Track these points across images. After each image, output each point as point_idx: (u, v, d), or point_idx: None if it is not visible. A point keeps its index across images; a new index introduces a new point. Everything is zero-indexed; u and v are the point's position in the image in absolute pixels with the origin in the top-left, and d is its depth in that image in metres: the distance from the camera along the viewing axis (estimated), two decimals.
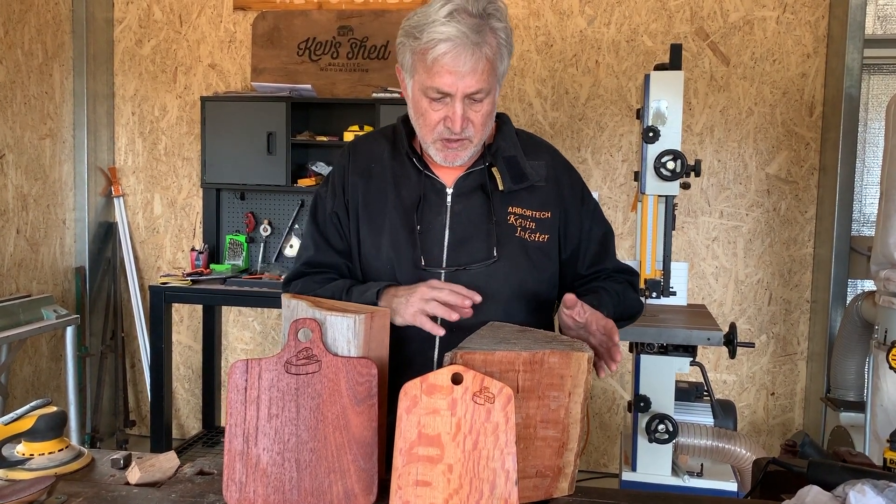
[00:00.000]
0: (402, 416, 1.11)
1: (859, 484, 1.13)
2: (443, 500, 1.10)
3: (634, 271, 1.67)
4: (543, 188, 1.54)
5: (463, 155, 1.47)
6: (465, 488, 1.10)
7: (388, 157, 1.58)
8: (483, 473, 1.11)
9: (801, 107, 3.79)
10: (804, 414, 3.90)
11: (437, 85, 1.38)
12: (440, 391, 1.11)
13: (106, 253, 4.39)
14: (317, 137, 4.02)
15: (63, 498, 1.22)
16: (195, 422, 4.47)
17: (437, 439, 1.11)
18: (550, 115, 3.99)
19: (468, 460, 1.11)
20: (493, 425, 1.11)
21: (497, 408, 1.11)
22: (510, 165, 1.52)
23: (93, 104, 4.23)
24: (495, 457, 1.11)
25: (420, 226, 1.51)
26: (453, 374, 1.11)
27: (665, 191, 2.61)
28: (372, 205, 1.56)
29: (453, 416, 1.11)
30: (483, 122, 1.45)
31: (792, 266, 3.86)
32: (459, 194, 1.53)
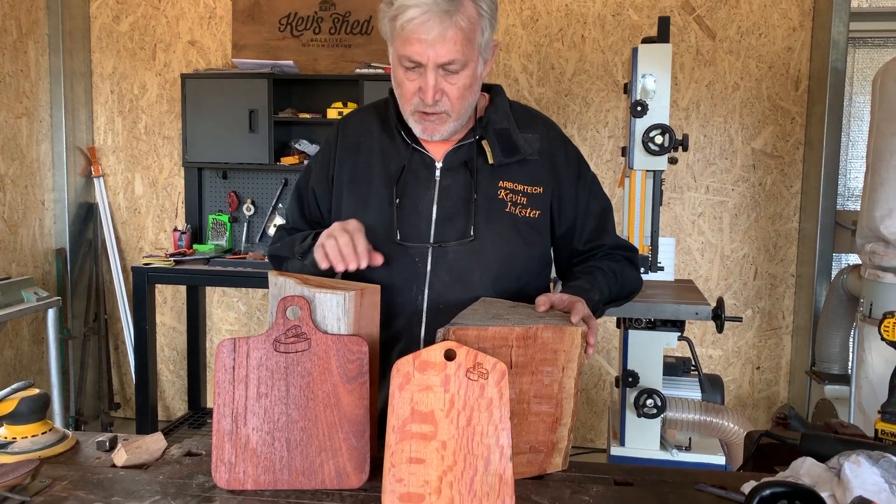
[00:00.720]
0: (394, 393, 1.09)
1: (854, 455, 1.12)
2: (437, 477, 1.09)
3: (633, 247, 1.63)
4: (536, 162, 1.50)
5: (441, 129, 1.43)
6: (459, 465, 1.09)
7: (377, 131, 1.55)
8: (477, 450, 1.09)
9: (787, 81, 3.78)
10: (789, 387, 3.93)
11: (407, 53, 1.34)
12: (433, 367, 1.09)
13: (87, 234, 4.33)
14: (300, 115, 3.96)
15: (47, 481, 1.19)
16: (181, 403, 4.44)
17: (431, 416, 1.09)
18: (536, 91, 3.96)
19: (462, 437, 1.09)
20: (486, 401, 1.09)
21: (491, 383, 1.09)
22: (501, 138, 1.48)
23: (70, 82, 4.15)
24: (489, 433, 1.09)
25: (405, 200, 1.48)
26: (446, 351, 1.09)
27: (653, 165, 2.59)
28: (359, 179, 1.53)
29: (446, 392, 1.09)
30: (460, 96, 1.39)
31: (777, 241, 3.88)
32: (448, 168, 1.49)
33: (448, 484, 1.09)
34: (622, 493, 1.20)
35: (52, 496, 1.15)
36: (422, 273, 1.47)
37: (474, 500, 1.08)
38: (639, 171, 2.63)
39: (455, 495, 1.08)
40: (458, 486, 1.08)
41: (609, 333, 4.02)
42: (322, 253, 1.31)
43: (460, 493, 1.08)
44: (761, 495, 0.98)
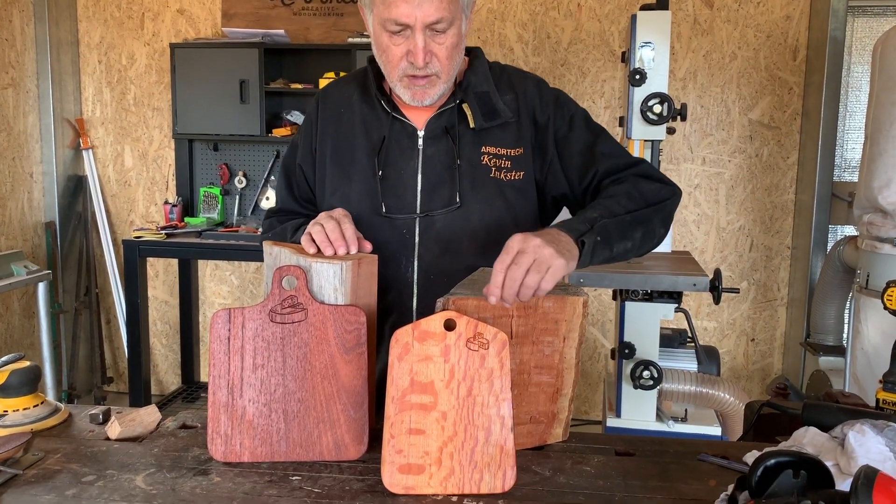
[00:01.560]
0: (393, 364, 1.07)
1: (858, 424, 1.11)
2: (437, 448, 1.07)
3: (640, 161, 1.45)
4: (515, 123, 1.45)
5: (432, 93, 1.38)
6: (459, 435, 1.07)
7: (357, 101, 1.50)
8: (478, 420, 1.07)
9: (785, 50, 3.74)
10: (783, 359, 3.94)
11: (393, 16, 1.29)
12: (433, 338, 1.07)
13: (76, 207, 4.27)
14: (291, 85, 3.91)
15: (40, 454, 1.17)
16: (174, 377, 4.42)
17: (431, 386, 1.07)
18: (532, 61, 3.91)
19: (462, 407, 1.07)
20: (487, 371, 1.07)
21: (492, 353, 1.07)
22: (482, 102, 1.44)
23: (56, 52, 4.07)
24: (490, 403, 1.07)
25: (389, 171, 1.44)
26: (446, 321, 1.07)
27: (651, 135, 2.56)
28: (341, 153, 1.49)
29: (446, 362, 1.07)
30: (449, 56, 1.35)
31: (773, 212, 3.86)
32: (431, 136, 1.45)
33: (448, 455, 1.07)
34: (623, 464, 1.19)
35: (45, 469, 1.13)
36: (410, 244, 1.44)
37: (475, 470, 1.07)
38: (636, 142, 2.59)
39: (455, 466, 1.07)
40: (458, 456, 1.07)
41: (604, 305, 4.01)
42: (308, 238, 1.27)
43: (461, 463, 1.07)
44: (766, 465, 0.96)
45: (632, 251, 1.33)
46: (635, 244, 1.32)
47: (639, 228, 1.32)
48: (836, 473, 1.03)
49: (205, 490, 1.07)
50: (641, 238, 1.33)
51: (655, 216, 1.36)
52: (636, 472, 1.16)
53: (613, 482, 1.12)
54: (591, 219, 1.25)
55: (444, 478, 1.07)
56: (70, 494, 1.05)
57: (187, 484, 1.09)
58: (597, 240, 1.22)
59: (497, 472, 1.07)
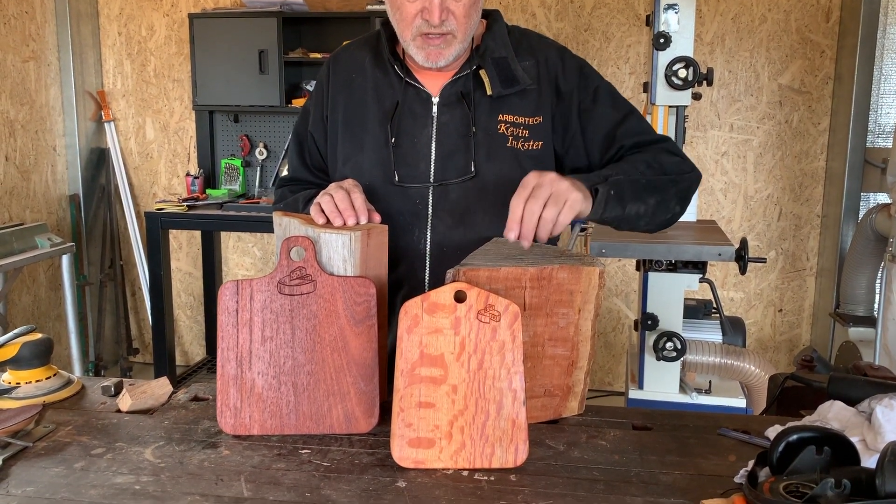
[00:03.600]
0: (402, 337, 1.04)
1: (886, 399, 1.07)
2: (447, 422, 1.05)
3: (666, 139, 1.41)
4: (535, 90, 1.40)
5: (447, 53, 1.33)
6: (470, 409, 1.05)
7: (370, 66, 1.46)
8: (489, 394, 1.05)
9: (818, 12, 3.61)
10: (811, 330, 3.87)
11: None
12: (443, 310, 1.04)
13: (100, 180, 4.30)
14: (310, 55, 3.86)
15: (51, 426, 1.17)
16: (199, 348, 4.46)
17: (441, 359, 1.04)
18: (555, 26, 3.82)
19: (473, 380, 1.05)
20: (498, 344, 1.04)
21: (503, 326, 1.04)
22: (500, 68, 1.38)
23: (76, 24, 4.06)
24: (502, 376, 1.05)
25: (402, 139, 1.40)
26: (456, 292, 1.04)
27: (676, 101, 2.49)
28: (353, 120, 1.46)
29: (457, 335, 1.04)
30: (466, 14, 1.30)
31: (803, 180, 3.76)
32: (446, 104, 1.41)
33: (459, 429, 1.05)
34: (640, 438, 1.15)
35: (56, 441, 1.13)
36: (423, 215, 1.40)
37: (486, 444, 1.05)
38: (661, 108, 2.53)
39: (466, 440, 1.05)
40: (469, 430, 1.05)
41: (628, 276, 3.96)
42: (317, 209, 1.24)
43: (472, 437, 1.05)
44: (788, 440, 0.93)
45: (644, 217, 1.30)
46: (648, 210, 1.29)
47: (653, 195, 1.29)
48: (863, 450, 1.00)
49: (213, 463, 1.06)
50: (655, 206, 1.30)
51: (672, 187, 1.33)
52: (653, 446, 1.13)
53: (629, 457, 1.09)
54: (605, 175, 1.25)
55: (455, 452, 1.05)
56: (79, 467, 1.05)
57: (196, 457, 1.08)
58: (610, 193, 1.21)
59: (509, 447, 1.05)
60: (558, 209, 1.12)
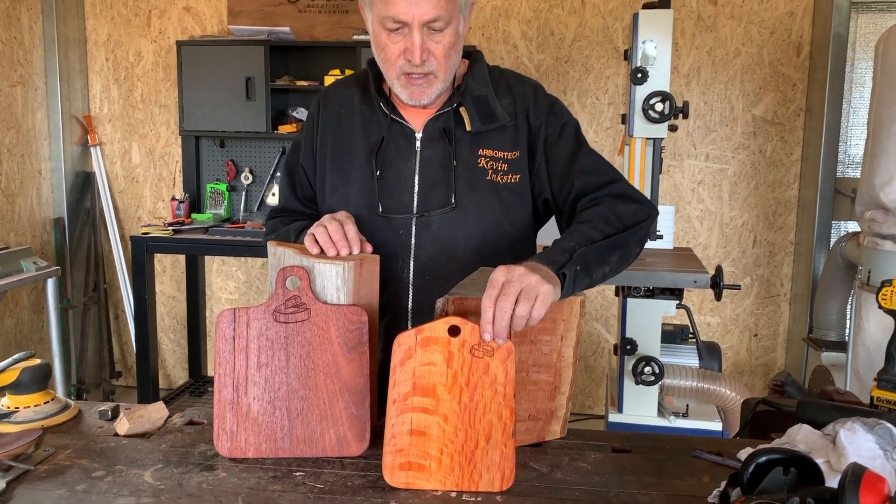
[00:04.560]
0: (395, 368, 1.09)
1: (849, 422, 1.13)
2: (437, 449, 1.10)
3: (617, 179, 1.44)
4: (513, 126, 1.47)
5: (429, 91, 1.40)
6: (460, 438, 1.10)
7: (357, 103, 1.53)
8: (479, 425, 1.10)
9: (789, 47, 3.74)
10: (786, 354, 3.95)
11: (392, 13, 1.32)
12: (436, 343, 1.09)
13: (84, 203, 4.31)
14: (297, 82, 3.93)
15: (51, 450, 1.21)
16: (181, 371, 4.47)
17: (433, 390, 1.09)
18: (536, 58, 3.92)
19: (464, 412, 1.10)
20: (490, 378, 1.09)
21: (496, 361, 1.09)
22: (479, 105, 1.46)
23: (64, 50, 4.10)
24: (492, 409, 1.10)
25: (387, 172, 1.47)
26: (450, 327, 1.09)
27: (653, 133, 2.58)
28: (341, 153, 1.52)
29: (449, 368, 1.09)
30: (445, 55, 1.37)
31: (777, 208, 3.87)
32: (429, 139, 1.48)
33: (449, 455, 1.10)
34: (619, 460, 1.21)
35: (56, 464, 1.16)
36: (406, 244, 1.46)
37: (474, 472, 1.10)
38: (639, 139, 2.61)
39: (455, 467, 1.10)
40: (458, 458, 1.10)
41: (608, 301, 4.03)
42: (311, 239, 1.29)
43: (461, 465, 1.10)
44: (757, 462, 0.99)
45: (609, 273, 1.33)
46: (612, 267, 1.32)
47: (615, 252, 1.32)
48: (827, 470, 1.06)
49: (211, 485, 1.10)
50: (618, 261, 1.33)
51: (632, 238, 1.36)
52: (632, 468, 1.18)
53: (609, 478, 1.15)
54: (568, 248, 1.24)
55: (444, 475, 1.10)
56: (80, 489, 1.08)
57: (194, 479, 1.12)
58: (576, 269, 1.21)
59: (496, 474, 1.10)
60: (530, 304, 1.08)
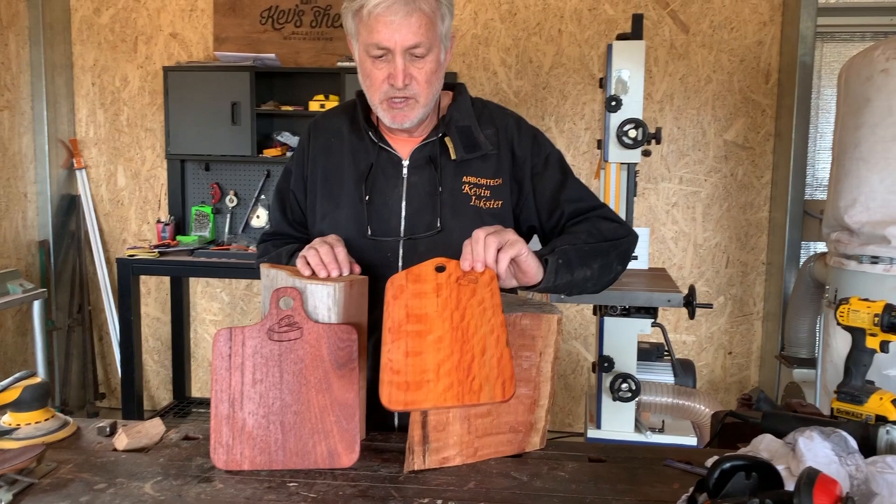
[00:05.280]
0: (389, 303, 1.16)
1: (808, 431, 1.21)
2: (435, 366, 1.12)
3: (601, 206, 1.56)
4: (496, 155, 1.56)
5: (411, 115, 1.47)
6: (455, 354, 1.12)
7: (346, 132, 1.61)
8: (473, 340, 1.13)
9: (758, 74, 3.88)
10: (759, 371, 4.06)
11: (375, 40, 1.40)
12: (425, 279, 1.18)
13: (70, 226, 4.35)
14: (282, 107, 4.01)
15: (53, 465, 1.26)
16: (166, 393, 4.48)
17: (425, 317, 1.16)
18: (515, 84, 4.03)
19: (456, 331, 1.14)
20: (478, 300, 1.16)
21: (481, 285, 1.17)
22: (463, 135, 1.54)
23: (51, 75, 4.15)
24: (483, 325, 1.14)
25: (375, 197, 1.54)
26: (437, 266, 1.18)
27: (627, 158, 2.68)
28: (331, 180, 1.59)
29: (438, 297, 1.16)
30: (427, 80, 1.45)
31: (748, 230, 3.99)
32: (416, 166, 1.55)
33: (446, 371, 1.11)
34: (595, 469, 1.28)
35: (59, 478, 1.21)
36: (394, 266, 1.53)
37: (473, 381, 1.10)
38: (613, 164, 2.71)
39: (454, 380, 1.10)
40: (456, 372, 1.11)
41: (586, 320, 4.12)
42: (303, 261, 1.36)
43: (458, 378, 1.11)
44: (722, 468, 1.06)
45: (591, 280, 1.43)
46: (594, 273, 1.42)
47: (597, 259, 1.43)
48: (787, 476, 1.13)
49: (209, 496, 1.16)
50: (600, 269, 1.44)
51: (613, 251, 1.47)
52: (607, 476, 1.26)
53: (585, 486, 1.22)
54: (552, 245, 1.38)
55: (444, 390, 1.10)
56: (84, 501, 1.14)
57: (192, 490, 1.18)
58: (559, 262, 1.34)
59: (496, 383, 1.09)
60: (502, 239, 1.23)
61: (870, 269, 2.72)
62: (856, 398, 1.43)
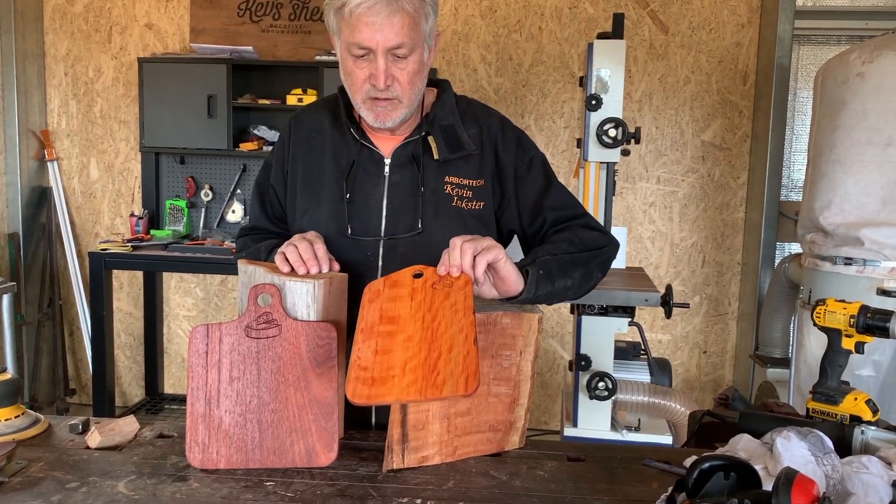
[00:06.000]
0: (364, 306, 1.16)
1: (785, 431, 1.22)
2: (402, 363, 1.11)
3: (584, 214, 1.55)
4: (479, 156, 1.54)
5: (394, 115, 1.45)
6: (423, 352, 1.12)
7: (328, 127, 1.58)
8: (441, 339, 1.12)
9: (736, 75, 3.92)
10: (734, 371, 4.10)
11: (357, 40, 1.37)
12: (402, 285, 1.18)
13: (40, 219, 4.27)
14: (259, 101, 3.97)
15: (23, 463, 1.23)
16: (138, 389, 4.42)
17: (398, 318, 1.16)
18: (495, 81, 4.03)
19: (426, 331, 1.14)
20: (451, 303, 1.15)
21: (455, 289, 1.17)
22: (446, 135, 1.52)
23: (22, 64, 4.07)
24: (453, 325, 1.13)
25: (356, 195, 1.52)
26: (415, 273, 1.18)
27: (606, 158, 2.69)
28: (311, 176, 1.56)
29: (413, 300, 1.16)
30: (409, 81, 1.42)
31: (724, 230, 4.03)
32: (398, 165, 1.53)
33: (412, 368, 1.10)
34: (574, 468, 1.28)
35: (30, 477, 1.18)
36: (374, 266, 1.51)
37: (437, 377, 1.08)
38: (593, 163, 2.72)
39: (419, 378, 1.09)
40: (422, 369, 1.10)
41: (563, 319, 4.13)
42: (282, 258, 1.34)
43: (423, 374, 1.09)
44: (701, 468, 1.06)
45: (571, 289, 1.42)
46: (575, 283, 1.42)
47: (578, 269, 1.42)
48: (765, 476, 1.14)
49: (184, 495, 1.14)
50: (580, 278, 1.43)
51: (593, 260, 1.46)
52: (586, 475, 1.26)
53: (565, 485, 1.22)
54: (533, 255, 1.38)
55: (407, 385, 1.08)
56: (56, 500, 1.11)
57: (167, 489, 1.15)
58: (539, 273, 1.33)
59: (460, 378, 1.07)
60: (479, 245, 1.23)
61: (844, 271, 2.75)
62: (831, 398, 1.44)
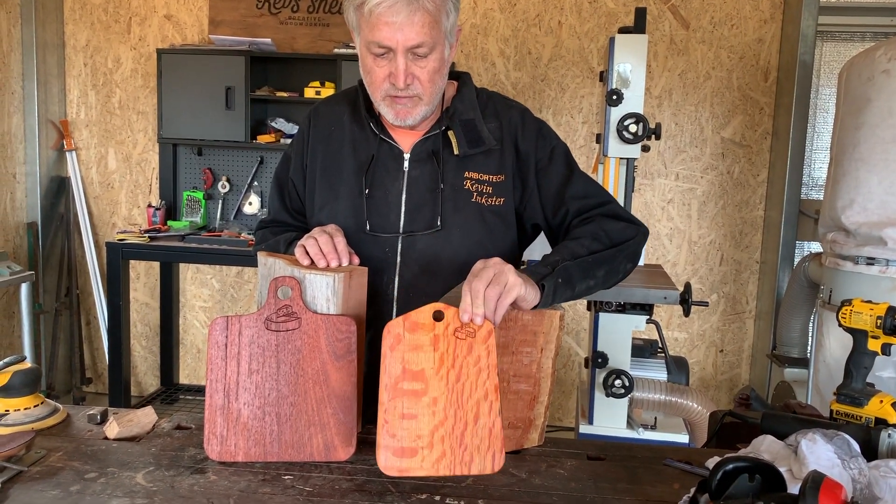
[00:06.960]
0: (386, 354, 1.14)
1: (810, 433, 1.20)
2: (429, 432, 1.14)
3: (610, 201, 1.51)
4: (499, 150, 1.51)
5: (415, 113, 1.43)
6: (450, 420, 1.14)
7: (348, 121, 1.56)
8: (467, 405, 1.15)
9: (757, 72, 3.87)
10: (751, 370, 4.06)
11: (376, 39, 1.35)
12: (422, 328, 1.15)
13: (59, 208, 4.29)
14: (276, 93, 3.96)
15: (42, 452, 1.23)
16: (153, 379, 4.45)
17: (422, 374, 1.15)
18: (513, 76, 4.00)
19: (452, 392, 1.14)
20: (475, 358, 1.15)
21: (478, 341, 1.15)
22: (467, 129, 1.50)
23: (42, 54, 4.09)
24: (478, 388, 1.15)
25: (375, 191, 1.50)
26: (434, 312, 1.15)
27: (626, 153, 2.66)
28: (330, 169, 1.55)
29: (436, 351, 1.15)
30: (430, 79, 1.41)
31: (743, 228, 3.99)
32: (417, 160, 1.51)
33: (440, 438, 1.14)
34: (594, 467, 1.27)
35: (49, 466, 1.19)
36: (392, 262, 1.49)
37: (465, 452, 1.14)
38: (612, 159, 2.69)
39: (447, 449, 1.14)
40: (449, 440, 1.14)
41: (579, 315, 4.11)
42: (302, 251, 1.33)
43: (451, 446, 1.14)
44: (724, 469, 1.05)
45: (595, 287, 1.40)
46: (598, 281, 1.40)
47: (602, 267, 1.39)
48: (789, 478, 1.12)
49: (203, 487, 1.13)
50: (605, 275, 1.41)
51: (619, 255, 1.43)
52: (606, 475, 1.24)
53: (585, 484, 1.20)
54: (552, 262, 1.33)
55: (437, 460, 1.14)
56: (74, 490, 1.11)
57: (185, 481, 1.15)
58: (557, 282, 1.29)
59: (486, 454, 1.14)
60: (500, 288, 1.18)
61: (866, 271, 2.71)
62: (856, 401, 1.42)
